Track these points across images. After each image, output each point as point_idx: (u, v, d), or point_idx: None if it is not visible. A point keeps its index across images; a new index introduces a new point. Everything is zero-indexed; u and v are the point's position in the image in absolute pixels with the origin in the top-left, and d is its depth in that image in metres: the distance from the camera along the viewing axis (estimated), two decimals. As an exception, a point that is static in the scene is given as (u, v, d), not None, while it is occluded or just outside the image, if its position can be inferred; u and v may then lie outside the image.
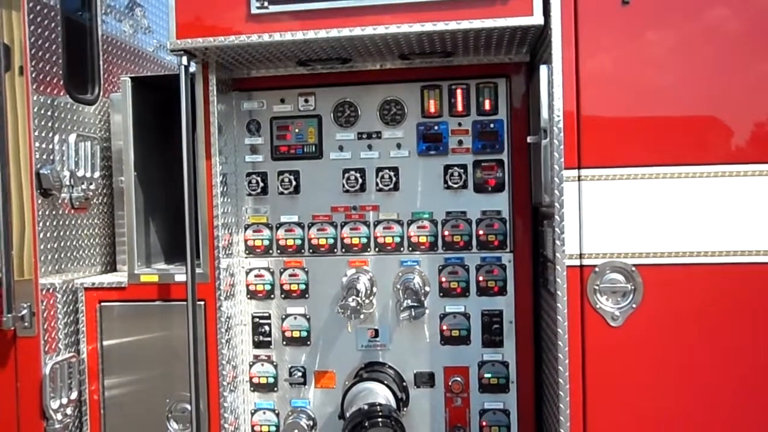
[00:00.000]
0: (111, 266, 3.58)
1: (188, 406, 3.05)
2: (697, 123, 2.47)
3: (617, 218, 2.50)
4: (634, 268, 2.50)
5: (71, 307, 3.20)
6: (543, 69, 2.54)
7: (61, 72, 3.17)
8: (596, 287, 2.52)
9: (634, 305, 2.51)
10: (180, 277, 3.12)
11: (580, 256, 2.52)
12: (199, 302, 3.02)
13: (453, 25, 2.56)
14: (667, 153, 2.48)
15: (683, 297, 2.49)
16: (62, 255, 3.17)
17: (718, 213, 2.46)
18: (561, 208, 2.49)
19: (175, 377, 3.16)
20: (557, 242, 2.50)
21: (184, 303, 2.95)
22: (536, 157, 2.80)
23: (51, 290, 3.07)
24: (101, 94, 3.52)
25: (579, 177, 2.50)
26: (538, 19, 2.53)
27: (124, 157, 3.26)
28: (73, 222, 3.24)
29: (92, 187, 3.36)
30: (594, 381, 2.51)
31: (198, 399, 2.95)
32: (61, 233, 3.16)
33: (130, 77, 3.25)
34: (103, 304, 3.22)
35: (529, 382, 3.14)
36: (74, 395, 3.14)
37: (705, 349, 2.48)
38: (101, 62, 3.54)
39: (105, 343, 3.23)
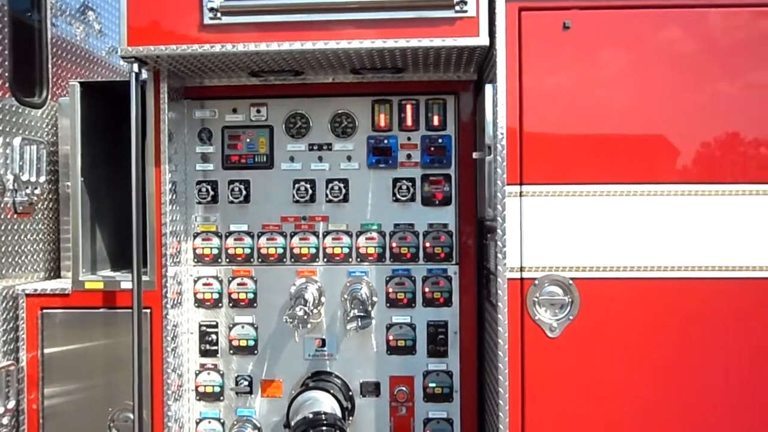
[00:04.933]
0: (55, 272, 3.51)
1: (131, 416, 3.01)
2: (635, 142, 2.59)
3: (556, 233, 2.60)
4: (571, 282, 2.60)
5: (11, 314, 3.13)
6: (488, 88, 2.64)
7: (7, 74, 3.12)
8: (535, 299, 2.61)
9: (571, 317, 2.61)
10: (126, 285, 3.09)
11: (521, 269, 2.61)
12: (145, 310, 3.00)
13: (402, 43, 2.63)
14: (605, 171, 2.59)
15: (618, 310, 2.60)
16: (3, 260, 3.10)
17: (654, 230, 2.58)
18: (503, 222, 2.58)
19: (119, 386, 3.12)
20: (499, 255, 2.58)
21: (130, 310, 2.92)
22: (481, 172, 2.89)
23: (-10, 296, 3.01)
24: (49, 97, 3.46)
25: (521, 193, 2.60)
26: (483, 40, 2.62)
27: (71, 162, 3.22)
28: (15, 227, 3.18)
29: (37, 191, 3.30)
30: (532, 390, 2.60)
31: (141, 408, 2.92)
32: (3, 238, 3.09)
33: (79, 82, 3.21)
34: (45, 310, 3.15)
35: (472, 391, 3.22)
36: (11, 404, 3.06)
37: (639, 360, 2.59)
38: (50, 65, 3.49)
39: (46, 350, 3.16)
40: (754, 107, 2.57)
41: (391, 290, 3.20)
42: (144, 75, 2.94)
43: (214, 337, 3.26)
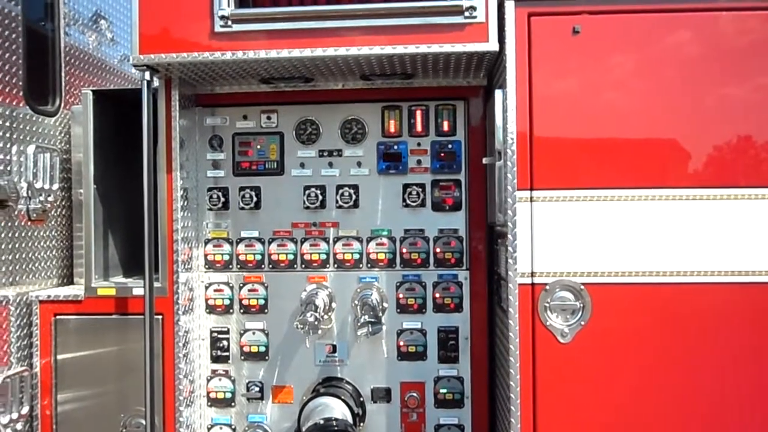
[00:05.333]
0: (68, 279, 3.54)
1: (143, 421, 3.02)
2: (646, 147, 2.58)
3: (567, 238, 2.59)
4: (582, 287, 2.59)
5: (25, 320, 3.15)
6: (498, 93, 2.64)
7: (21, 82, 3.15)
8: (547, 305, 2.60)
9: (582, 322, 2.59)
10: (138, 291, 3.10)
11: (532, 274, 2.60)
12: (156, 316, 3.01)
13: (411, 49, 2.64)
14: (615, 176, 2.59)
15: (630, 315, 2.58)
16: (17, 267, 3.12)
17: (666, 234, 2.56)
18: (513, 227, 2.57)
19: (131, 392, 3.13)
20: (510, 261, 2.58)
21: (142, 317, 2.94)
22: (491, 177, 2.89)
23: (4, 303, 3.03)
24: (62, 105, 3.50)
25: (531, 198, 2.59)
26: (493, 45, 2.63)
27: (83, 169, 3.25)
28: (29, 234, 3.21)
29: (50, 198, 3.32)
30: (544, 396, 2.58)
31: (153, 414, 2.93)
32: (17, 245, 3.12)
33: (92, 90, 3.24)
34: (58, 317, 3.17)
35: (483, 397, 3.21)
36: (25, 410, 3.08)
37: (651, 365, 2.57)
38: (63, 74, 3.52)
39: (59, 356, 3.18)
40: (765, 110, 2.55)
41: (401, 296, 3.20)
42: (156, 83, 2.97)
43: (225, 343, 3.27)
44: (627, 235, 2.58)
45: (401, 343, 3.20)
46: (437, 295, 3.19)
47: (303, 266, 3.25)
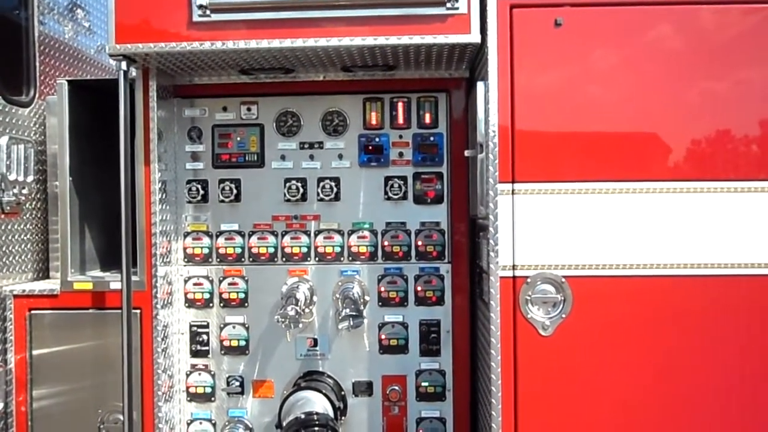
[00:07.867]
0: (44, 273, 3.48)
1: (121, 417, 2.98)
2: (628, 140, 2.59)
3: (548, 231, 2.59)
4: (563, 280, 2.59)
5: (-1, 315, 3.10)
6: (480, 85, 2.62)
7: (-7, 72, 3.09)
8: (528, 297, 2.60)
9: (563, 315, 2.60)
10: (115, 285, 3.06)
11: (513, 267, 2.60)
12: (135, 310, 2.97)
13: (393, 40, 2.62)
14: (597, 169, 2.59)
15: (611, 308, 2.59)
16: (-9, 261, 3.07)
17: (647, 227, 2.57)
18: (495, 220, 2.57)
19: (109, 387, 3.09)
20: (491, 253, 2.57)
21: (119, 311, 2.90)
22: (473, 170, 2.88)
23: (-23, 297, 2.97)
24: (37, 96, 3.43)
25: (513, 191, 2.59)
26: (475, 37, 2.61)
27: (59, 161, 3.18)
28: (3, 227, 3.14)
29: (25, 191, 3.26)
30: (525, 389, 2.59)
31: (131, 409, 2.90)
32: (-10, 238, 3.06)
33: (67, 80, 3.18)
34: (33, 312, 3.12)
35: (465, 390, 3.21)
36: (0, 406, 3.03)
37: (632, 357, 2.58)
38: (37, 63, 3.45)
39: (35, 352, 3.13)
40: (746, 104, 2.57)
41: (383, 289, 3.18)
42: (133, 73, 2.92)
43: (205, 337, 3.23)
44: (608, 228, 2.58)
45: (383, 337, 3.19)
46: (419, 288, 3.18)
47: (284, 259, 3.22)
